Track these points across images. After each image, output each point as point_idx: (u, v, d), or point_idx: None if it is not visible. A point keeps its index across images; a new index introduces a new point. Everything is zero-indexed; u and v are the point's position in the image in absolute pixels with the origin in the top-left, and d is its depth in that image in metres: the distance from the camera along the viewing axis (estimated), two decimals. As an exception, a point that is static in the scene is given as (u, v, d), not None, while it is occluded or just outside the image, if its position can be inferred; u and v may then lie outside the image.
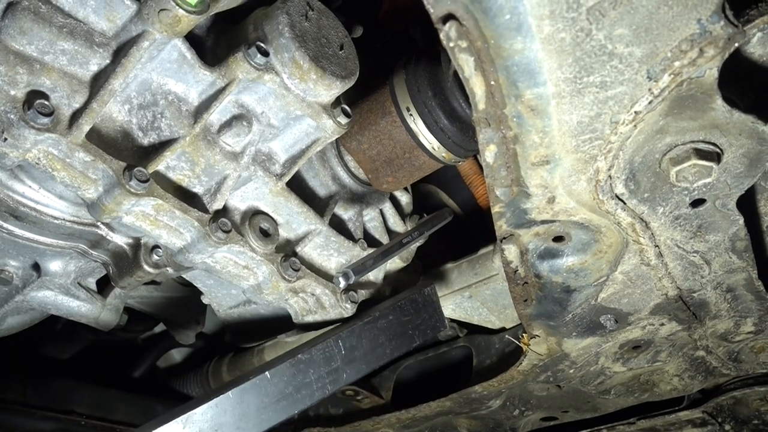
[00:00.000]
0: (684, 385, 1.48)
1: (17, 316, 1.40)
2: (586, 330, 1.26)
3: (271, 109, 1.10)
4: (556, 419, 1.72)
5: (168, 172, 1.08)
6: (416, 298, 1.14)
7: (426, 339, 1.14)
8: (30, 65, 0.92)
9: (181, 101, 1.05)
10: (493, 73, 0.72)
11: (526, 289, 1.14)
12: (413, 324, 1.11)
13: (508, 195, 0.91)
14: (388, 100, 1.25)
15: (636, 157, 0.84)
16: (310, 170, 1.31)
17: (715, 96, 0.74)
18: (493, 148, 0.83)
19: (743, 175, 0.86)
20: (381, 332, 1.07)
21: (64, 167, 0.97)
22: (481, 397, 1.59)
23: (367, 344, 1.05)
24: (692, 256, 1.03)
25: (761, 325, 1.24)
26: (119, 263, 1.21)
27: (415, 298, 1.14)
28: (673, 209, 0.93)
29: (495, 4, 0.65)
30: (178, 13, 0.91)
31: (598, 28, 0.67)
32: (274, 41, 1.04)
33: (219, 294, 1.39)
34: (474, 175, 1.64)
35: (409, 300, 1.12)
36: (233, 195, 1.16)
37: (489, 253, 1.50)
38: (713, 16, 0.65)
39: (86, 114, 0.95)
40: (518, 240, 1.02)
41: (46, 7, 0.91)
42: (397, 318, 1.09)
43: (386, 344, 1.07)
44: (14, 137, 0.91)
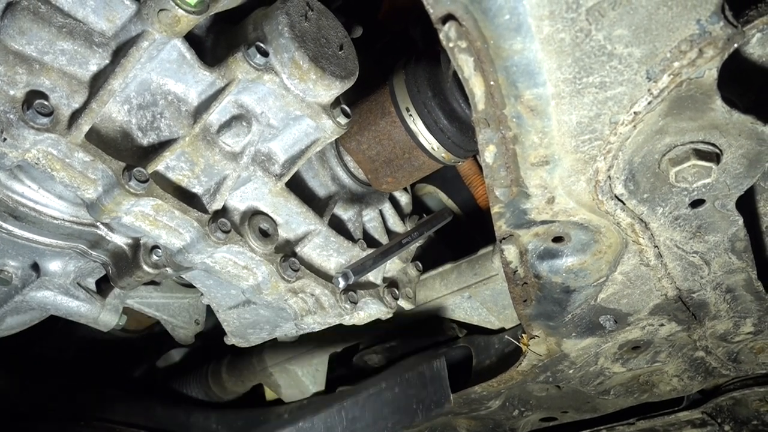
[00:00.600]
0: (683, 386, 1.48)
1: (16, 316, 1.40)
2: (586, 330, 1.26)
3: (271, 110, 1.10)
4: (555, 420, 1.72)
5: (167, 172, 1.08)
6: (424, 372, 1.09)
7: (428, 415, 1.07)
8: (29, 65, 0.92)
9: (180, 101, 1.05)
10: (493, 74, 0.72)
11: (525, 289, 1.14)
12: (418, 398, 1.06)
13: (508, 195, 0.91)
14: (388, 101, 1.25)
15: (635, 158, 0.84)
16: (309, 170, 1.31)
17: (714, 96, 0.74)
18: (492, 148, 0.83)
19: (743, 175, 0.86)
20: (385, 405, 1.01)
21: (64, 167, 0.97)
22: (481, 398, 1.59)
23: (369, 416, 0.99)
24: (692, 257, 1.03)
25: (761, 326, 1.24)
26: (118, 263, 1.21)
27: (423, 372, 1.09)
28: (673, 210, 0.93)
29: (494, 4, 0.65)
30: (178, 13, 0.91)
31: (597, 28, 0.67)
32: (274, 41, 1.04)
33: (218, 294, 1.39)
34: (473, 176, 1.64)
35: (417, 373, 1.07)
36: (232, 195, 1.16)
37: (488, 254, 1.50)
38: (713, 17, 0.65)
39: (86, 114, 0.95)
40: (518, 240, 1.02)
41: (45, 7, 0.91)
42: (403, 391, 1.04)
43: (389, 417, 1.01)
44: (13, 137, 0.91)
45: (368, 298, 1.38)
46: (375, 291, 1.41)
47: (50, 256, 1.24)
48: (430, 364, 1.09)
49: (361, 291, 1.37)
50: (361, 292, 1.37)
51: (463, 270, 1.53)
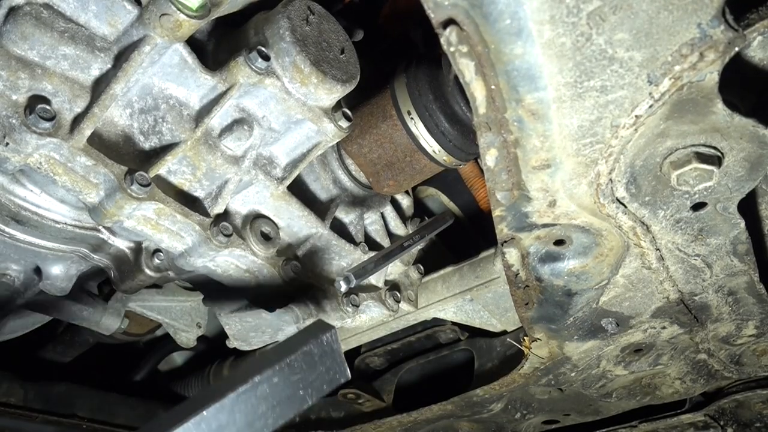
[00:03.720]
0: (686, 388, 1.48)
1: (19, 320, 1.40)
2: (588, 333, 1.26)
3: (272, 113, 1.10)
4: (557, 422, 1.72)
5: (169, 176, 1.08)
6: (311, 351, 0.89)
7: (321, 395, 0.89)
8: (32, 70, 0.92)
9: (182, 105, 1.05)
10: (494, 78, 0.72)
11: (527, 292, 1.14)
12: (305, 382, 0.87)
13: (509, 198, 0.90)
14: (389, 104, 1.25)
15: (637, 161, 0.84)
16: (311, 174, 1.31)
17: (715, 100, 0.74)
18: (494, 152, 0.83)
19: (744, 178, 0.86)
20: (262, 400, 0.82)
21: (66, 171, 0.97)
22: (483, 401, 1.58)
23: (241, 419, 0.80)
24: (693, 260, 1.03)
25: (763, 328, 1.23)
26: (121, 267, 1.21)
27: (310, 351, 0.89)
28: (674, 213, 0.93)
29: (495, 9, 0.65)
30: (180, 17, 0.91)
31: (598, 32, 0.67)
32: (275, 45, 1.04)
33: (220, 297, 1.39)
34: (475, 178, 1.64)
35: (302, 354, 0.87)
36: (234, 199, 1.16)
37: (490, 256, 1.50)
38: (713, 21, 0.65)
39: (88, 118, 0.95)
40: (519, 243, 1.02)
41: (47, 12, 0.91)
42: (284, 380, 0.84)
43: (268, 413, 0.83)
44: (16, 142, 0.91)
45: (370, 301, 1.38)
46: (377, 294, 1.42)
47: (52, 260, 1.24)
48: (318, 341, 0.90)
49: (362, 294, 1.37)
50: (363, 295, 1.38)
51: (464, 273, 1.53)
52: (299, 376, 0.86)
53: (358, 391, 1.76)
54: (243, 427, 0.79)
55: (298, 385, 0.85)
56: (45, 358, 1.87)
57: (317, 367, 0.88)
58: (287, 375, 0.84)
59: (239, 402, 0.79)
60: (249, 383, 0.81)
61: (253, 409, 0.81)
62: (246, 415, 0.80)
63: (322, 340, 0.89)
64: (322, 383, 0.89)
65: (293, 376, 0.85)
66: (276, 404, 0.83)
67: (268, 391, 0.82)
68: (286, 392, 0.84)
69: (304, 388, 0.86)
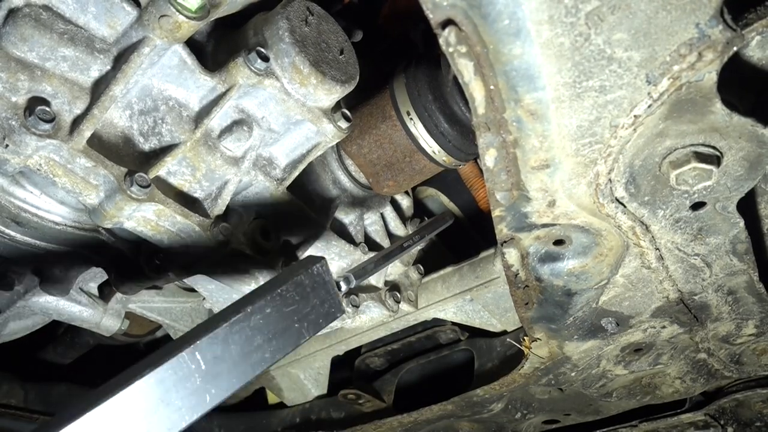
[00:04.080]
0: (686, 388, 1.48)
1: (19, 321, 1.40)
2: (588, 333, 1.26)
3: (272, 114, 1.10)
4: (558, 422, 1.72)
5: (169, 177, 1.08)
6: (302, 281, 0.87)
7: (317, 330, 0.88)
8: (31, 72, 0.92)
9: (181, 107, 1.05)
10: (493, 78, 0.73)
11: (527, 292, 1.14)
12: (300, 315, 0.86)
13: (509, 199, 0.91)
14: (389, 104, 1.26)
15: (636, 161, 0.84)
16: (310, 174, 1.31)
17: (714, 99, 0.74)
18: (493, 152, 0.83)
19: (743, 178, 0.86)
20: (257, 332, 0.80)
21: (66, 173, 0.97)
22: (483, 401, 1.58)
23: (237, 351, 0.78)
24: (693, 259, 1.03)
25: (762, 328, 1.24)
26: (120, 268, 1.21)
27: (301, 281, 0.87)
28: (674, 212, 0.93)
29: (494, 9, 0.65)
30: (179, 19, 0.91)
31: (596, 32, 0.67)
32: (274, 46, 1.04)
33: (220, 298, 1.39)
34: (475, 178, 1.64)
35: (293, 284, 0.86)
36: (234, 200, 1.16)
37: (490, 257, 1.50)
38: (712, 21, 0.66)
39: (87, 120, 0.95)
40: (519, 243, 1.02)
41: (47, 13, 0.91)
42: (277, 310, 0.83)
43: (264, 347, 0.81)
44: (15, 144, 0.91)
45: (370, 302, 1.38)
46: (377, 294, 1.42)
47: (52, 262, 1.24)
48: (308, 271, 0.89)
49: (362, 294, 1.37)
50: (363, 295, 1.38)
51: (464, 273, 1.53)
52: (293, 307, 0.84)
53: (359, 391, 1.76)
54: (238, 359, 0.78)
55: (293, 317, 0.84)
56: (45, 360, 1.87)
57: (310, 299, 0.87)
58: (280, 306, 0.83)
59: (233, 333, 0.78)
60: (241, 313, 0.79)
61: (248, 341, 0.80)
62: (241, 347, 0.79)
63: (312, 271, 0.88)
64: (317, 317, 0.88)
65: (286, 307, 0.84)
66: (272, 337, 0.82)
67: (262, 323, 0.81)
68: (280, 324, 0.83)
69: (299, 321, 0.85)
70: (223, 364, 0.77)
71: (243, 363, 0.79)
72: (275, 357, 0.83)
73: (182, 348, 0.75)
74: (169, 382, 0.72)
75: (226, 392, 0.78)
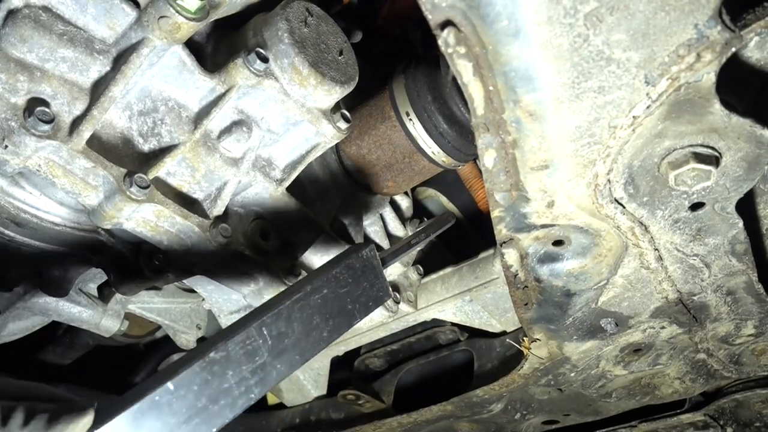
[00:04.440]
0: (685, 388, 1.48)
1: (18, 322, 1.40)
2: (587, 333, 1.26)
3: (271, 115, 1.10)
4: (557, 423, 1.72)
5: (168, 178, 1.08)
6: (353, 264, 0.92)
7: (368, 312, 0.93)
8: (30, 73, 0.92)
9: (181, 107, 1.05)
10: (492, 79, 0.73)
11: (526, 293, 1.14)
12: (352, 296, 0.91)
13: (508, 199, 0.91)
14: (388, 105, 1.26)
15: (635, 161, 0.84)
16: (310, 175, 1.32)
17: (713, 100, 0.74)
18: (492, 152, 0.83)
19: (742, 178, 0.86)
20: (315, 311, 0.86)
21: (65, 174, 0.97)
22: (483, 401, 1.58)
23: (299, 328, 0.83)
24: (692, 260, 1.03)
25: (762, 328, 1.24)
26: (120, 269, 1.21)
27: (352, 264, 0.92)
28: (673, 213, 0.93)
29: (493, 10, 0.65)
30: (178, 20, 0.91)
31: (595, 33, 0.67)
32: (274, 47, 1.04)
33: (220, 299, 1.39)
34: (474, 179, 1.64)
35: (345, 267, 0.91)
36: (233, 200, 1.16)
37: (489, 257, 1.50)
38: (710, 21, 0.66)
39: (87, 121, 0.95)
40: (518, 244, 1.02)
41: (46, 15, 0.91)
42: (332, 291, 0.88)
43: (322, 326, 0.86)
44: (15, 144, 0.92)
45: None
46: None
47: (52, 263, 1.24)
48: (358, 255, 0.94)
49: (362, 295, 1.37)
50: (362, 296, 1.38)
51: (464, 273, 1.53)
52: (346, 289, 0.91)
53: (358, 392, 1.76)
54: (301, 336, 0.83)
55: (346, 298, 0.90)
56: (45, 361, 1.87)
57: (361, 282, 0.93)
58: (335, 287, 0.89)
59: (295, 311, 0.83)
60: (302, 291, 0.85)
61: (309, 319, 0.85)
62: (303, 325, 0.84)
63: (362, 255, 0.95)
64: (367, 300, 0.94)
65: (340, 288, 0.90)
66: (329, 317, 0.88)
67: (320, 302, 0.87)
68: (335, 305, 0.89)
69: (352, 302, 0.91)
70: (287, 340, 0.82)
71: (305, 340, 0.84)
72: (332, 337, 0.88)
73: (250, 323, 0.79)
74: (239, 355, 0.77)
75: (291, 369, 0.83)
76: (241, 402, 0.78)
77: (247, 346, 0.78)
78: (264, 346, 0.80)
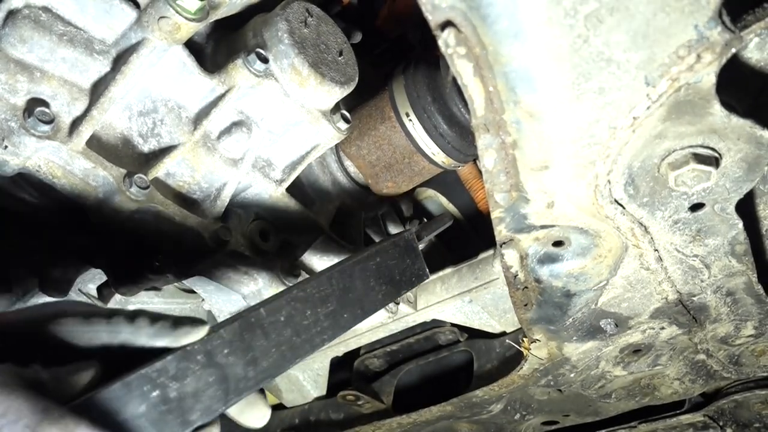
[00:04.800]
0: (685, 389, 1.48)
1: (18, 323, 1.40)
2: (587, 334, 1.26)
3: (271, 116, 1.10)
4: (557, 423, 1.72)
5: (168, 178, 1.08)
6: (399, 243, 1.06)
7: (410, 287, 1.06)
8: (30, 73, 0.92)
9: (180, 108, 1.05)
10: (492, 80, 0.73)
11: (526, 293, 1.14)
12: (399, 269, 1.03)
13: (508, 200, 0.91)
14: (388, 106, 1.26)
15: (635, 162, 0.84)
16: (309, 175, 1.32)
17: (713, 101, 0.74)
18: (492, 153, 0.83)
19: (742, 179, 0.86)
20: (371, 274, 0.98)
21: (65, 174, 0.97)
22: (482, 402, 1.58)
23: (360, 286, 0.95)
24: (692, 260, 1.03)
25: (761, 329, 1.24)
26: (119, 269, 1.21)
27: (398, 243, 1.05)
28: (672, 213, 0.93)
29: (493, 11, 0.65)
30: (178, 20, 0.91)
31: (595, 34, 0.67)
32: (274, 48, 1.04)
33: (219, 300, 1.39)
34: (474, 180, 1.64)
35: (392, 244, 1.05)
36: (233, 201, 1.16)
37: (489, 258, 1.50)
38: (710, 22, 0.66)
39: (86, 121, 0.95)
40: (518, 245, 1.02)
41: (46, 15, 0.91)
42: (384, 261, 1.01)
43: (377, 289, 0.98)
44: (14, 145, 0.91)
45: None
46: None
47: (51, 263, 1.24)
48: (401, 237, 1.08)
49: (361, 296, 1.37)
50: (362, 296, 1.37)
51: (463, 274, 1.53)
52: (395, 262, 1.03)
53: (358, 392, 1.76)
54: (361, 293, 0.96)
55: (395, 269, 1.03)
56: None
57: (405, 259, 1.06)
58: (386, 258, 1.02)
59: (356, 270, 0.96)
60: (361, 256, 0.98)
61: (367, 280, 0.97)
62: (363, 283, 0.96)
63: (404, 236, 1.09)
64: (411, 275, 1.07)
65: (390, 260, 1.03)
66: (382, 282, 1.00)
67: (374, 269, 0.99)
68: (387, 273, 1.02)
69: (399, 274, 1.04)
70: (351, 294, 0.94)
71: (365, 298, 0.96)
72: (385, 301, 1.01)
73: (321, 274, 0.92)
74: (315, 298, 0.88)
75: (354, 321, 0.94)
76: (317, 340, 0.88)
77: (321, 292, 0.89)
78: (333, 295, 0.91)
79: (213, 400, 0.74)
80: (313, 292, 0.88)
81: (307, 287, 0.88)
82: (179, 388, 0.71)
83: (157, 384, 0.69)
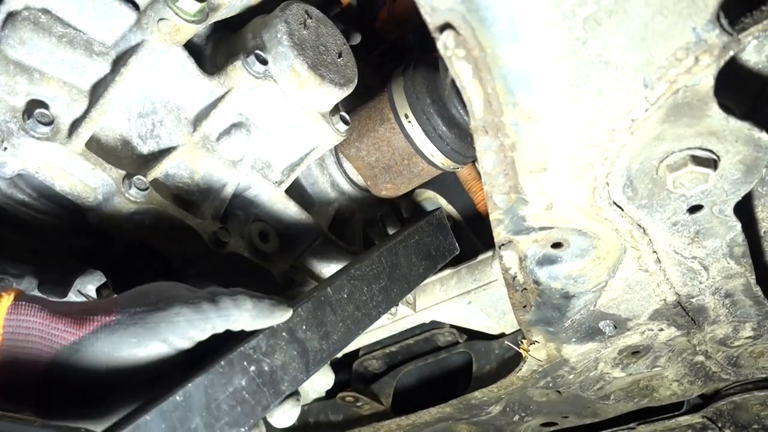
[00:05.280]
0: (683, 390, 1.48)
1: (17, 324, 1.39)
2: (586, 336, 1.26)
3: (270, 117, 1.10)
4: (556, 425, 1.72)
5: (167, 179, 1.08)
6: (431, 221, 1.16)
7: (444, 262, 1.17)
8: (30, 75, 0.92)
9: (180, 109, 1.05)
10: (491, 82, 0.73)
11: (525, 295, 1.14)
12: (434, 245, 1.14)
13: (506, 202, 0.91)
14: (387, 108, 1.26)
15: (633, 164, 0.84)
16: (308, 177, 1.32)
17: (711, 103, 0.75)
18: (491, 155, 0.83)
19: (740, 181, 0.86)
20: (412, 251, 1.08)
21: (64, 176, 0.97)
22: (481, 403, 1.58)
23: (404, 263, 1.05)
24: (690, 262, 1.04)
25: (760, 330, 1.24)
26: (118, 270, 1.21)
27: (431, 221, 1.16)
28: (671, 215, 0.93)
29: (492, 13, 0.65)
30: (177, 22, 0.91)
31: (594, 37, 0.67)
32: (273, 49, 1.05)
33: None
34: (473, 181, 1.64)
35: (427, 223, 1.15)
36: (232, 202, 1.16)
37: (488, 259, 1.50)
38: (708, 25, 0.66)
39: (86, 123, 0.95)
40: (517, 246, 1.02)
41: (45, 17, 0.91)
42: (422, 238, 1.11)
43: (419, 264, 1.08)
44: (14, 146, 0.92)
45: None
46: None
47: (50, 264, 1.24)
48: (432, 215, 1.19)
49: (360, 297, 1.37)
50: (361, 298, 1.38)
51: (462, 275, 1.53)
52: (430, 238, 1.13)
53: (357, 394, 1.76)
54: (406, 269, 1.06)
55: (431, 245, 1.13)
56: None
57: (437, 236, 1.16)
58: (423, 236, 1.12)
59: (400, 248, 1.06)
60: (404, 235, 1.09)
61: (410, 257, 1.08)
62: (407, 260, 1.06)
63: (435, 214, 1.20)
64: (444, 250, 1.17)
65: (426, 238, 1.13)
66: (422, 258, 1.10)
67: (415, 246, 1.09)
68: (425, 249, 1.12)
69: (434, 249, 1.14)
70: (398, 270, 1.04)
71: (409, 273, 1.06)
72: (426, 274, 1.11)
73: (372, 252, 1.01)
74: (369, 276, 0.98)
75: (401, 294, 1.04)
76: (374, 313, 0.97)
77: (374, 270, 0.99)
78: (384, 272, 1.01)
79: (297, 371, 0.86)
80: (368, 271, 0.98)
81: (362, 266, 0.97)
82: (270, 363, 0.82)
83: (253, 360, 0.79)
